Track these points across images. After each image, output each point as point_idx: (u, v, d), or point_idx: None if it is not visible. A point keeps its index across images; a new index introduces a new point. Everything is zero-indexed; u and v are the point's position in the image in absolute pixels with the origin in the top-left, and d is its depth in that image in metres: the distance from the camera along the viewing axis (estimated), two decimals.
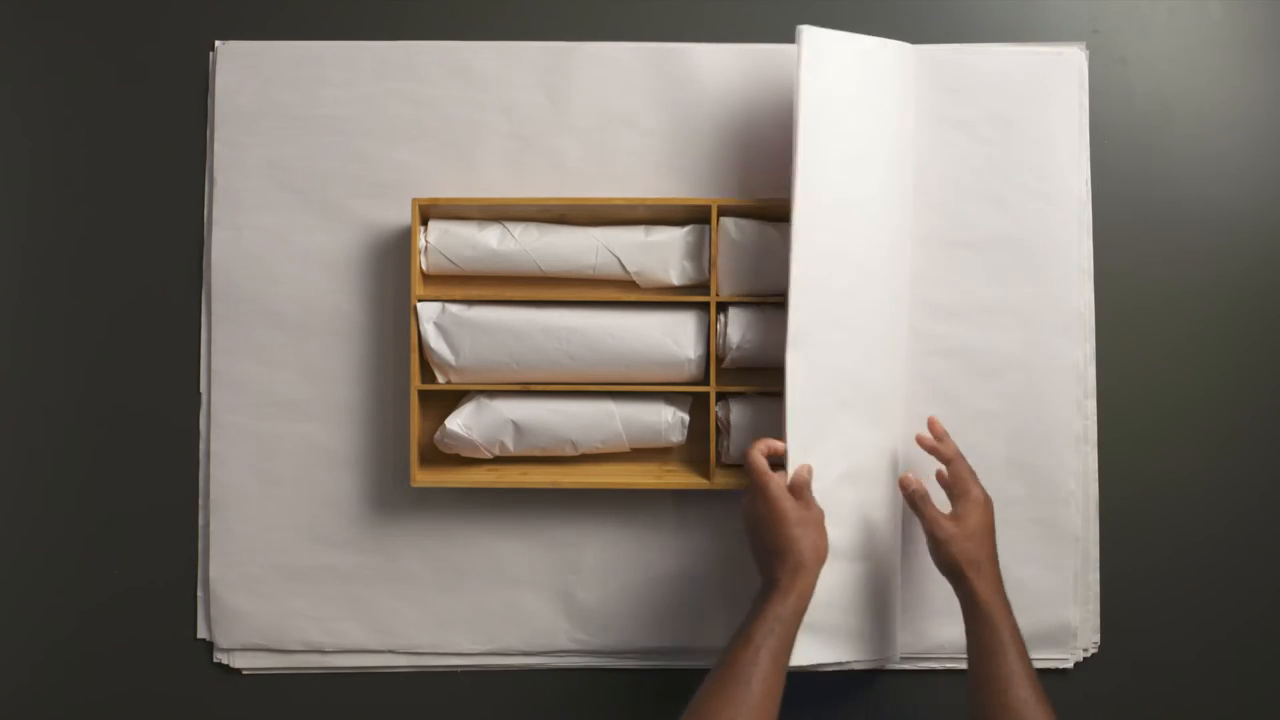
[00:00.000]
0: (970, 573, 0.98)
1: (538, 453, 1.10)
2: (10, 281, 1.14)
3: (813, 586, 0.96)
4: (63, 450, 1.14)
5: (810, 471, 1.02)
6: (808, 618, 0.97)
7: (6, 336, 1.14)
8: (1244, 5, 1.16)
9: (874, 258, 1.06)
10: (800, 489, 1.00)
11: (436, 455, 1.11)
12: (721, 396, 1.10)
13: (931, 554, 1.01)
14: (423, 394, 1.09)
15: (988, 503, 1.02)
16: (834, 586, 1.04)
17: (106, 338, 1.14)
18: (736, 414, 1.08)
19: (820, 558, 0.97)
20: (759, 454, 1.00)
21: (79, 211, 1.14)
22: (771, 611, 0.93)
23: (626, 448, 1.10)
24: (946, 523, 1.00)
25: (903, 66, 1.09)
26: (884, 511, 1.08)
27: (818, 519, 0.98)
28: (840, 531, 1.05)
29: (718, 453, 1.10)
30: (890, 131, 1.08)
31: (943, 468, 1.04)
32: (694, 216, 1.10)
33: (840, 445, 1.05)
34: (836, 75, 1.04)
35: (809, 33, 1.02)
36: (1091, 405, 1.13)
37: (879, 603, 1.07)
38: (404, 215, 1.11)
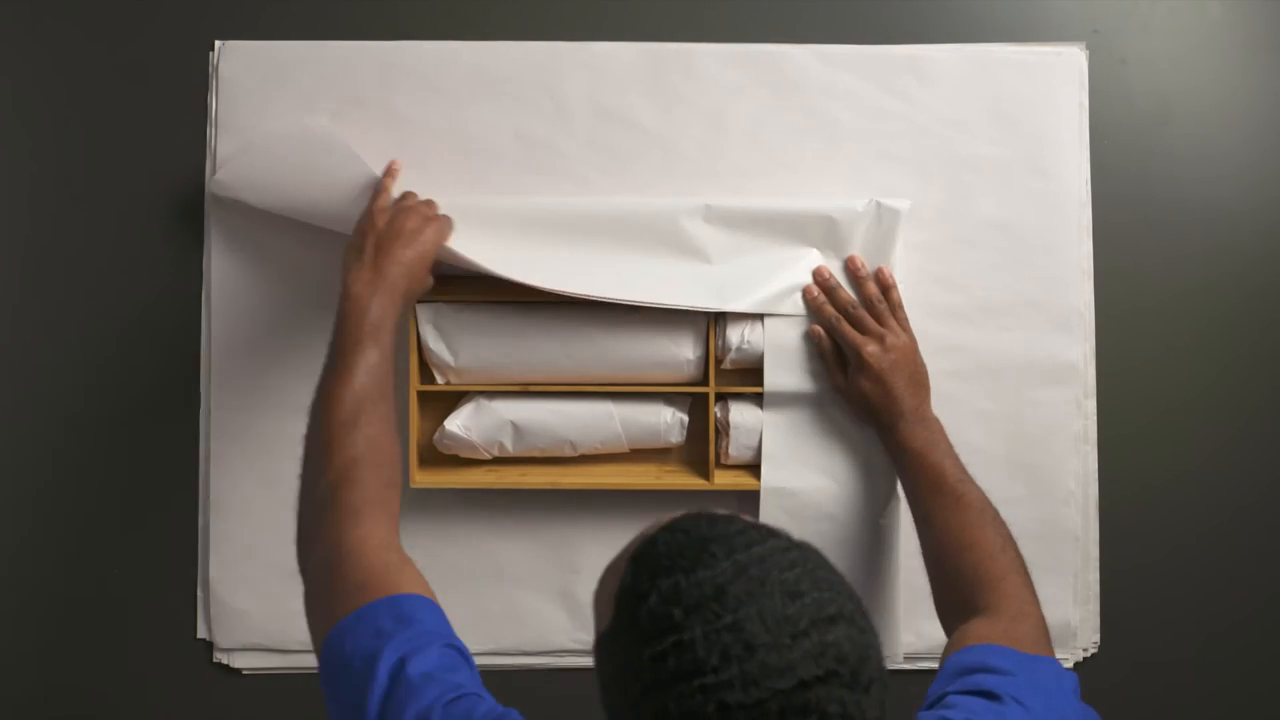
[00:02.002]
0: (880, 425, 1.04)
1: (537, 453, 1.10)
2: (10, 281, 1.14)
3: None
4: (63, 450, 1.14)
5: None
6: None
7: (6, 336, 1.14)
8: (1244, 5, 1.16)
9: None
10: None
11: (436, 456, 1.11)
12: (721, 397, 1.10)
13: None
14: (422, 395, 1.09)
15: (890, 347, 1.04)
16: None
17: (106, 338, 1.14)
18: (736, 414, 1.08)
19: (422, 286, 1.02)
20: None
21: (79, 211, 1.14)
22: (392, 309, 0.95)
23: (626, 448, 1.10)
24: (838, 376, 1.06)
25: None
26: (883, 509, 1.08)
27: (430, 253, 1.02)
28: (840, 530, 1.06)
29: (717, 453, 1.10)
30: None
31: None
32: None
33: (835, 439, 1.07)
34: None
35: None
36: (1091, 405, 1.13)
37: (880, 601, 1.08)
38: None
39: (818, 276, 1.07)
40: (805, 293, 1.07)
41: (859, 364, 1.04)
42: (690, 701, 0.56)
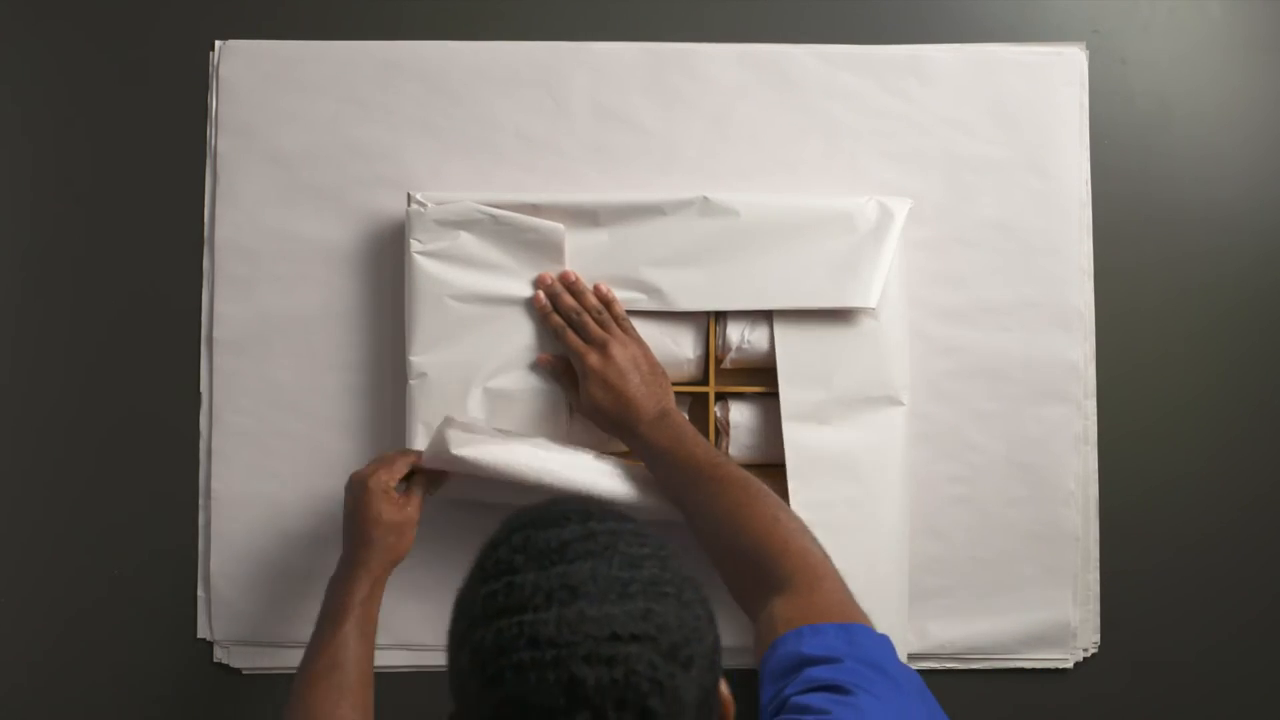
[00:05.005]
0: (619, 431, 1.02)
1: None
2: (12, 281, 1.14)
3: (385, 577, 1.00)
4: (63, 450, 1.14)
5: (399, 473, 1.02)
6: None
7: (8, 336, 1.14)
8: (1244, 5, 1.16)
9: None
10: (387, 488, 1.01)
11: None
12: (721, 396, 1.10)
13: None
14: None
15: (612, 358, 1.02)
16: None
17: (107, 337, 1.14)
18: (736, 414, 1.08)
19: (395, 559, 1.00)
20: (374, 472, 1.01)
21: (80, 211, 1.14)
22: (355, 595, 0.97)
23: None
24: (572, 390, 1.03)
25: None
26: (891, 510, 1.07)
27: (406, 521, 1.01)
28: (871, 538, 1.06)
29: None
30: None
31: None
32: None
33: (844, 442, 1.06)
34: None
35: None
36: (1091, 405, 1.13)
37: (885, 599, 1.07)
38: (404, 214, 1.11)
39: (541, 284, 1.06)
40: (534, 300, 1.06)
41: (584, 372, 1.03)
42: (507, 635, 0.58)
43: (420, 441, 1.06)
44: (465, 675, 0.60)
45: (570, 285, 1.06)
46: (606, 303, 1.06)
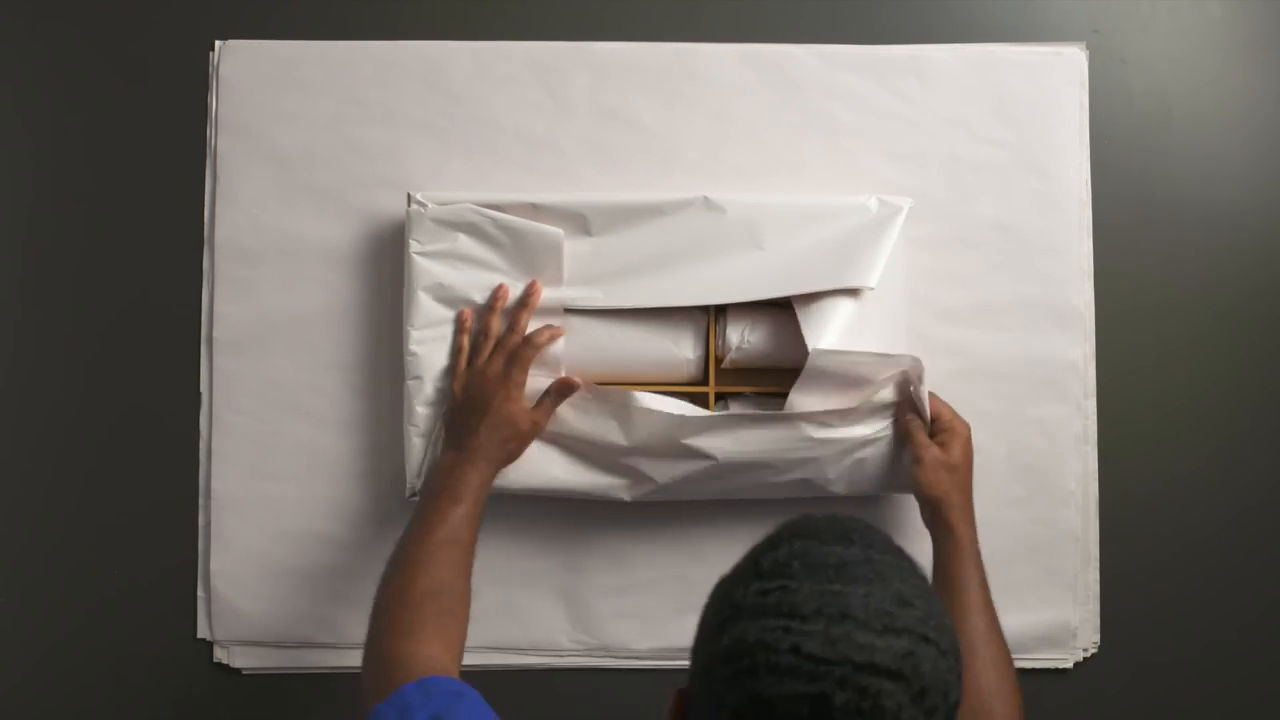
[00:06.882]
0: (946, 505, 1.00)
1: None
2: (12, 281, 1.14)
3: (495, 475, 1.02)
4: (63, 449, 1.14)
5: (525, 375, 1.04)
6: None
7: (8, 336, 1.14)
8: (1244, 5, 1.16)
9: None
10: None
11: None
12: (721, 396, 1.10)
13: (913, 477, 1.02)
14: None
15: (969, 438, 1.04)
16: None
17: (107, 336, 1.14)
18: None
19: (510, 460, 1.03)
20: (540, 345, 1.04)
21: (80, 211, 1.14)
22: (472, 480, 0.99)
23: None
24: (933, 447, 1.02)
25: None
26: None
27: (535, 430, 1.04)
28: None
29: None
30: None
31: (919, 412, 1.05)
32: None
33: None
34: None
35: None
36: (1091, 405, 1.13)
37: None
38: (404, 214, 1.11)
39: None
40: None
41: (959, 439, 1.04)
42: (771, 635, 0.59)
43: (416, 441, 1.06)
44: (717, 661, 0.61)
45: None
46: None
